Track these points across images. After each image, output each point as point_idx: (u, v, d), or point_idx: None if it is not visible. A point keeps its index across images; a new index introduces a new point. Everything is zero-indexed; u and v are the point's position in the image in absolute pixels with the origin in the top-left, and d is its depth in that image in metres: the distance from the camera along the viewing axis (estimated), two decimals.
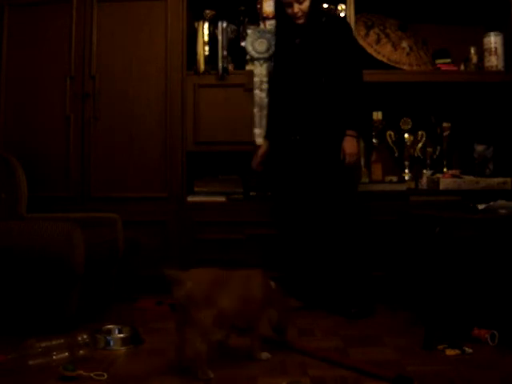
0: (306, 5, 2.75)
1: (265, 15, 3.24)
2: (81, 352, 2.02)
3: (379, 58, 3.29)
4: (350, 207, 2.73)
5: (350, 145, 2.69)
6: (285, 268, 2.92)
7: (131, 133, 3.20)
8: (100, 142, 3.19)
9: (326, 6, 3.22)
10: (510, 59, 3.23)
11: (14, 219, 2.83)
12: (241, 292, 1.94)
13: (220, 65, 3.19)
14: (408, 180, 3.37)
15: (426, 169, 3.43)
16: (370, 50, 3.29)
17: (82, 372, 1.83)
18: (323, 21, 2.80)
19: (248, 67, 3.24)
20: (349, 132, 2.70)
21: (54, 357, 1.96)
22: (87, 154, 3.19)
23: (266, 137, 3.02)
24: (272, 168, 3.01)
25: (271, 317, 2.07)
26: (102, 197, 3.17)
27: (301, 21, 2.79)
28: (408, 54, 3.37)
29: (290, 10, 2.77)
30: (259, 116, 3.14)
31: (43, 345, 1.97)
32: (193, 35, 3.26)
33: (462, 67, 3.33)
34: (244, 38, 3.24)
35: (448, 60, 3.33)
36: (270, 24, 3.23)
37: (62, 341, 2.01)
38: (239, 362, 2.01)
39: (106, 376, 1.84)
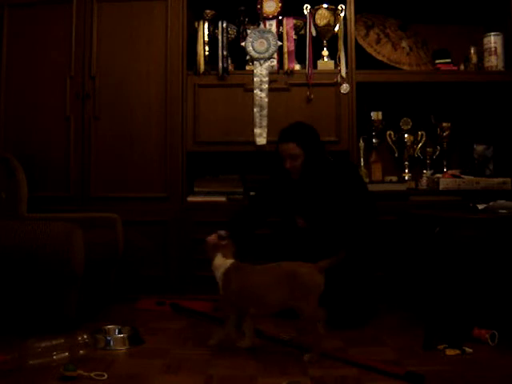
0: (299, 162, 2.63)
1: (265, 15, 3.25)
2: (81, 352, 2.02)
3: (379, 58, 3.29)
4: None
5: None
6: None
7: (131, 133, 3.19)
8: (100, 142, 3.19)
9: None
10: (509, 59, 3.24)
11: (14, 219, 2.83)
12: None
13: (220, 65, 3.19)
14: (408, 180, 3.37)
15: (426, 169, 3.43)
16: (369, 50, 3.30)
17: (82, 372, 1.83)
18: (323, 173, 2.67)
19: (248, 67, 3.25)
20: None
21: (55, 357, 1.96)
22: (87, 154, 3.19)
23: None
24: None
25: None
26: (102, 197, 3.17)
27: (295, 176, 2.68)
28: (408, 54, 3.37)
29: (284, 164, 2.66)
30: (259, 116, 3.14)
31: (43, 345, 1.97)
32: (193, 35, 3.26)
33: (462, 67, 3.33)
34: (244, 38, 3.23)
35: (448, 60, 3.33)
36: (269, 24, 3.24)
37: (62, 341, 2.01)
38: (239, 362, 2.01)
39: (106, 376, 1.84)
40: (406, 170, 3.43)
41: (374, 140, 3.48)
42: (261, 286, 2.11)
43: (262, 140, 3.14)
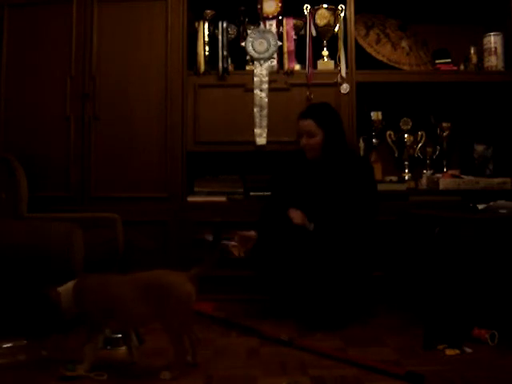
0: (315, 140, 2.62)
1: (265, 15, 3.25)
2: (43, 353, 2.03)
3: (379, 58, 3.29)
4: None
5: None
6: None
7: (131, 133, 3.19)
8: (100, 142, 3.19)
9: None
10: (509, 59, 3.24)
11: (14, 219, 2.83)
12: None
13: (220, 65, 3.19)
14: (408, 180, 3.37)
15: (425, 169, 3.43)
16: (369, 50, 3.30)
17: (82, 372, 1.83)
18: (340, 160, 2.64)
19: (248, 67, 3.25)
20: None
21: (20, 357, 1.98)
22: (87, 154, 3.19)
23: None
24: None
25: None
26: (102, 197, 3.17)
27: (309, 155, 2.67)
28: (408, 54, 3.37)
29: (300, 141, 2.67)
30: (259, 116, 3.14)
31: (4, 346, 1.99)
32: (193, 35, 3.26)
33: (462, 67, 3.33)
34: (244, 38, 3.24)
35: (448, 60, 3.33)
36: (269, 24, 3.24)
37: (25, 342, 2.04)
38: (239, 362, 2.01)
39: (105, 376, 1.84)
40: (406, 170, 3.43)
41: (374, 140, 3.48)
42: (120, 297, 1.88)
43: (262, 140, 3.14)
